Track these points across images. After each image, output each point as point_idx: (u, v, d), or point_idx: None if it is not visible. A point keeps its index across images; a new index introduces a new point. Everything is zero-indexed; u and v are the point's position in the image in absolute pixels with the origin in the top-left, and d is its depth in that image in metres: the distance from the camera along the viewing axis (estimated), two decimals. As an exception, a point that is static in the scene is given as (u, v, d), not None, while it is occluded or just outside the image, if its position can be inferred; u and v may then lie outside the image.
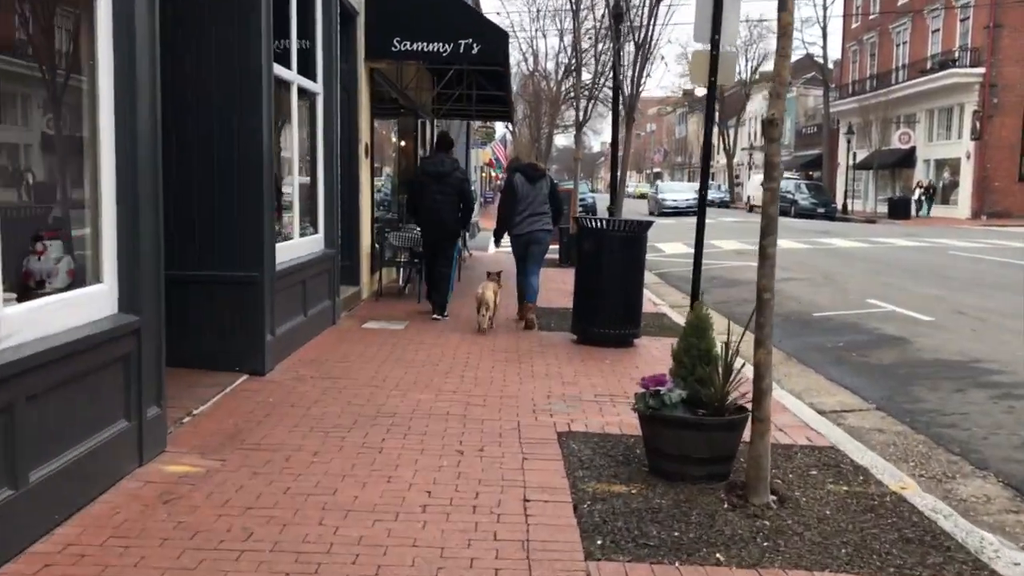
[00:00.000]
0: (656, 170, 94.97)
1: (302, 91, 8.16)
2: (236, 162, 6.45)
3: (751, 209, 49.22)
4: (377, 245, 11.48)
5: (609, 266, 8.31)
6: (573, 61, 46.06)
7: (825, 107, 47.98)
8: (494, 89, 17.16)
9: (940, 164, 41.05)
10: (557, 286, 13.39)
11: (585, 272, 8.52)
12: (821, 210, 41.67)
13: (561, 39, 27.02)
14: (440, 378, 6.86)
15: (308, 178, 8.64)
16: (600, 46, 19.32)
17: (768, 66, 69.27)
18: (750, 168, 67.17)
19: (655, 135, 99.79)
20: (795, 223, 35.36)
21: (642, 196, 79.43)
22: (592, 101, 18.86)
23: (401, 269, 12.19)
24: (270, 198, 6.71)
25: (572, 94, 49.64)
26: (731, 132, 63.69)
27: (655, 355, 8.03)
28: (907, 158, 42.18)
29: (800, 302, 12.63)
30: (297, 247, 7.88)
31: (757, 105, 65.99)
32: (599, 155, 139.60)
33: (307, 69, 8.30)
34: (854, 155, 43.59)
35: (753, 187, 50.35)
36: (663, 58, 59.09)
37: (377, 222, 12.25)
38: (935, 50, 41.60)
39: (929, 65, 41.33)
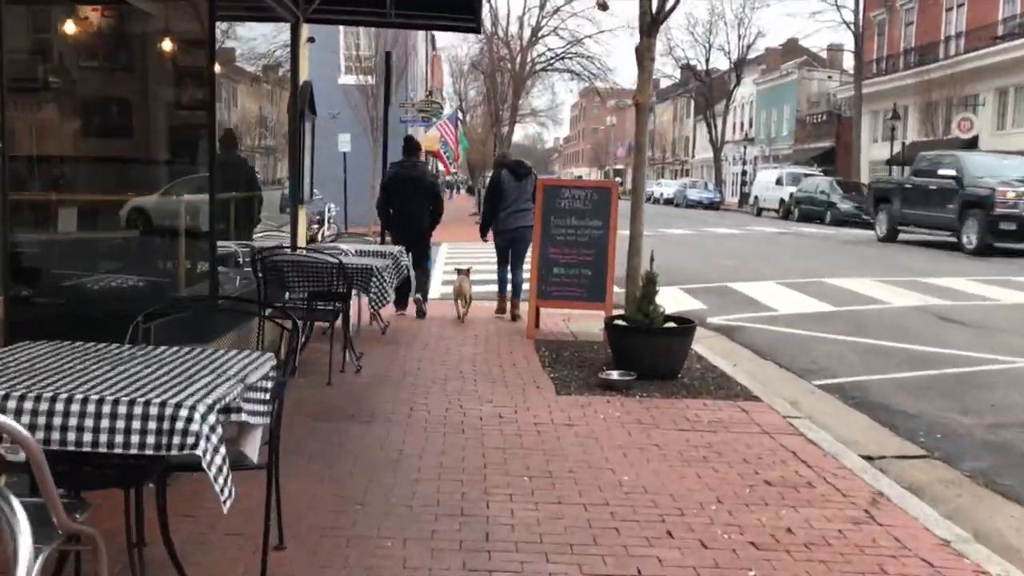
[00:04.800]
0: (618, 166, 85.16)
1: None
2: None
3: (759, 213, 39.68)
4: None
5: None
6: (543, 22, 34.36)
7: (856, 87, 38.53)
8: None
9: (1013, 159, 31.74)
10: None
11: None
12: (866, 216, 32.14)
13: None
14: None
15: None
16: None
17: (762, 44, 59.81)
18: (737, 163, 57.68)
19: (616, 128, 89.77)
20: (849, 235, 25.67)
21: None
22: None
23: None
24: None
25: (540, 66, 39.52)
26: (719, 121, 53.95)
27: None
28: (970, 150, 32.82)
29: None
30: None
31: (748, 90, 56.56)
32: (552, 151, 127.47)
33: None
34: (903, 145, 34.06)
35: (762, 186, 40.73)
36: None
37: None
38: (1011, 11, 32.35)
39: (1001, 31, 32.08)
